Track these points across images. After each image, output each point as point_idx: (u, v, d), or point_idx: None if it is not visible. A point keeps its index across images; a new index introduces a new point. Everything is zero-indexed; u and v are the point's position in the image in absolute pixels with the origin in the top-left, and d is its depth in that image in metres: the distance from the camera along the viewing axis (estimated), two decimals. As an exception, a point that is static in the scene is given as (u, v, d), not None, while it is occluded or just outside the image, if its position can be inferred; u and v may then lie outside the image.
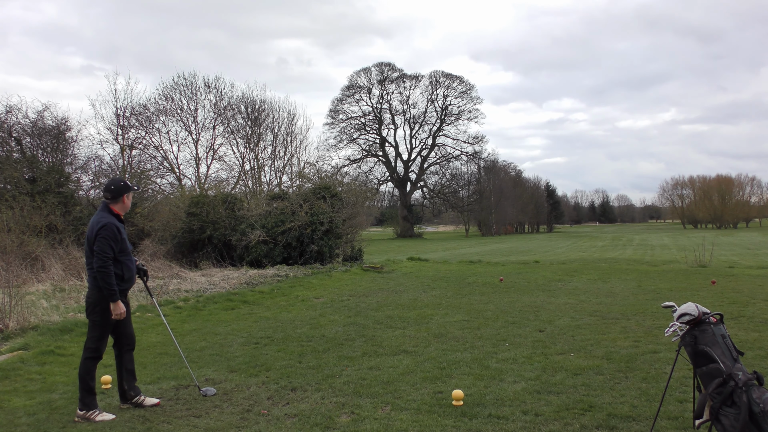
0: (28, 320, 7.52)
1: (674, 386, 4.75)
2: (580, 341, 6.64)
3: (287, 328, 7.84)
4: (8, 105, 16.56)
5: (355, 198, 19.07)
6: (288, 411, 4.44)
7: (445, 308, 9.28)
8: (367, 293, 11.34)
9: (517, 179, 75.25)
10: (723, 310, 8.43)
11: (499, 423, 4.08)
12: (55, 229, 14.68)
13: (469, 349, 6.32)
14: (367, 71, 64.94)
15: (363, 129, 66.28)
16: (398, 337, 7.05)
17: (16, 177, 15.32)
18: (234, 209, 17.27)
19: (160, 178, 23.94)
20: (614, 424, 4.00)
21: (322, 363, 5.86)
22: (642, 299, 9.89)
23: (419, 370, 5.51)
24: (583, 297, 10.26)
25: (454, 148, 67.01)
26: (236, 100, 25.59)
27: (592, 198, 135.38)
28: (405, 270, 16.25)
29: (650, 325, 7.53)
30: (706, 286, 11.67)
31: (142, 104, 23.13)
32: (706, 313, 3.41)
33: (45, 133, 16.96)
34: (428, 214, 76.53)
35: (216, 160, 25.37)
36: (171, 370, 5.73)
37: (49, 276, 12.01)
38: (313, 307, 9.64)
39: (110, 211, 4.66)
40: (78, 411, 4.40)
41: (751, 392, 3.13)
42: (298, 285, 12.36)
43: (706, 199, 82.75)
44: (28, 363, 5.95)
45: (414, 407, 4.44)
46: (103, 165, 20.22)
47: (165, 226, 17.21)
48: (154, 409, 4.57)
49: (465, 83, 65.61)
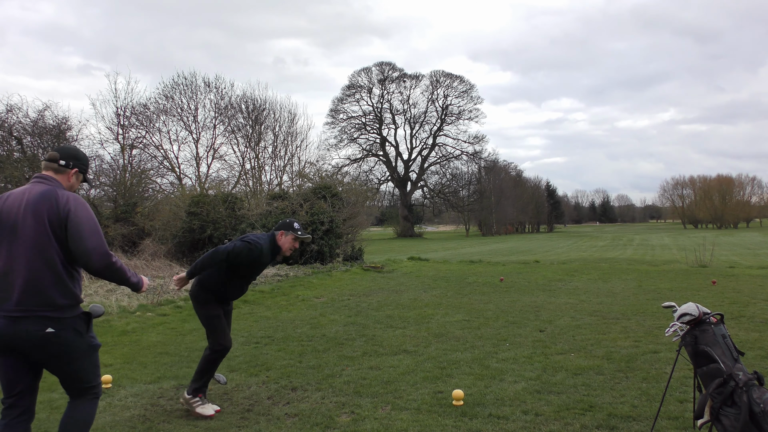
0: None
1: (675, 386, 4.75)
2: (580, 341, 6.64)
3: (287, 327, 7.84)
4: (9, 104, 16.60)
5: (355, 198, 19.08)
6: (288, 411, 4.44)
7: (446, 308, 9.28)
8: (368, 293, 11.34)
9: (518, 179, 75.21)
10: (723, 310, 8.43)
11: (500, 423, 4.08)
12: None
13: (469, 349, 6.32)
14: (367, 71, 64.99)
15: (363, 128, 66.30)
16: (398, 337, 7.05)
17: (17, 176, 15.33)
18: (234, 209, 17.27)
19: (161, 177, 23.99)
20: (614, 424, 4.00)
21: (322, 363, 5.86)
22: (642, 299, 9.89)
23: (419, 369, 5.51)
24: (583, 297, 10.25)
25: (455, 148, 67.06)
26: (237, 99, 25.61)
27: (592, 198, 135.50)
28: (405, 270, 16.25)
29: (651, 325, 7.52)
30: (706, 286, 11.66)
31: (143, 104, 23.17)
32: (706, 313, 3.41)
33: (46, 132, 16.97)
34: (428, 213, 76.51)
35: (216, 159, 25.38)
36: (171, 369, 5.73)
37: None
38: (314, 307, 9.64)
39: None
40: (185, 394, 4.42)
41: (752, 392, 3.13)
42: (298, 284, 12.37)
43: (707, 199, 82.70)
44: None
45: (414, 407, 4.44)
46: (104, 164, 20.26)
47: (165, 226, 17.23)
48: (154, 409, 4.57)
49: (465, 83, 65.68)
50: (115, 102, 21.32)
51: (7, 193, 3.00)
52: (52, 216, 2.87)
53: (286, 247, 4.49)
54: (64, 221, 2.87)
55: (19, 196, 2.93)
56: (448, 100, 65.80)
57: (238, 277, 4.47)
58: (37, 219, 2.85)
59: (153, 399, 4.81)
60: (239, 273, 4.44)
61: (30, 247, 2.85)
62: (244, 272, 4.46)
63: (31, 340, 2.82)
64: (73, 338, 2.95)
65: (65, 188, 3.02)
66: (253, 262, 4.40)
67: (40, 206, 2.86)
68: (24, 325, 2.80)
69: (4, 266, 2.85)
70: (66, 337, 2.91)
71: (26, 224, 2.85)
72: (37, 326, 2.82)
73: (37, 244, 2.85)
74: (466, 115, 65.98)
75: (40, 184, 2.97)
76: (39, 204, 2.87)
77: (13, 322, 2.79)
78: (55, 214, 2.87)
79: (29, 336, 2.81)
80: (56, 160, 3.04)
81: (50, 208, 2.87)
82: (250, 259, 4.35)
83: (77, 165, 3.11)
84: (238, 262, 4.32)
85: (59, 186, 2.99)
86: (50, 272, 2.87)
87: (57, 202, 2.88)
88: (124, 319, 8.27)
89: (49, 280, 2.86)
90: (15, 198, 2.93)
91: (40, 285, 2.84)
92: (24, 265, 2.83)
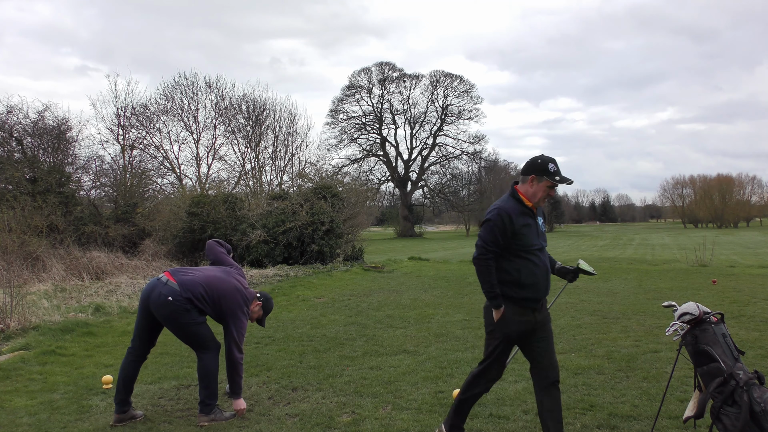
0: (29, 320, 7.52)
1: (675, 386, 4.75)
2: (580, 341, 6.64)
3: (288, 327, 7.84)
4: (9, 105, 16.60)
5: (355, 198, 19.09)
6: (289, 411, 4.44)
7: (446, 308, 9.28)
8: (368, 293, 11.34)
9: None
10: (724, 309, 8.43)
11: (500, 423, 4.08)
12: (56, 229, 14.70)
13: (470, 349, 6.32)
14: (367, 71, 64.94)
15: (363, 129, 66.26)
16: (399, 337, 7.05)
17: (17, 177, 15.35)
18: (235, 209, 17.28)
19: (161, 178, 24.00)
20: (615, 424, 4.00)
21: (322, 363, 5.86)
22: (643, 298, 9.89)
23: (420, 369, 5.52)
24: (583, 296, 10.25)
25: (455, 148, 66.99)
26: (237, 99, 25.62)
27: (592, 197, 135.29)
28: (406, 270, 16.25)
29: (651, 324, 7.52)
30: (706, 285, 11.66)
31: (143, 104, 23.17)
32: (706, 313, 3.41)
33: (46, 133, 16.97)
34: (429, 213, 76.51)
35: (217, 159, 25.41)
36: (172, 369, 5.73)
37: (50, 276, 12.02)
38: (314, 307, 9.64)
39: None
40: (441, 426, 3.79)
41: (752, 391, 3.13)
42: (298, 285, 12.37)
43: (707, 199, 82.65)
44: (29, 363, 5.96)
45: (415, 407, 4.44)
46: (104, 165, 20.25)
47: (166, 226, 17.24)
48: (155, 409, 4.57)
49: (465, 83, 65.57)
50: (115, 102, 21.32)
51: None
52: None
53: (539, 196, 3.54)
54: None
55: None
56: (448, 100, 65.77)
57: (516, 255, 3.50)
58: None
59: (154, 399, 4.82)
60: (512, 251, 3.50)
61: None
62: (514, 248, 3.49)
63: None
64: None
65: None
66: (505, 231, 3.43)
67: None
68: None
69: None
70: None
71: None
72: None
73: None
74: (466, 114, 65.96)
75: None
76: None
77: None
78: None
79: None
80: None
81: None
82: (501, 230, 3.43)
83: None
84: (494, 238, 3.44)
85: None
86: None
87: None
88: (124, 320, 8.27)
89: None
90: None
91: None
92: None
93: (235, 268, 4.58)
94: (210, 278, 4.29)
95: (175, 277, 4.22)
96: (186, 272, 4.30)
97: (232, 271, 4.49)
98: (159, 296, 4.12)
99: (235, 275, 4.46)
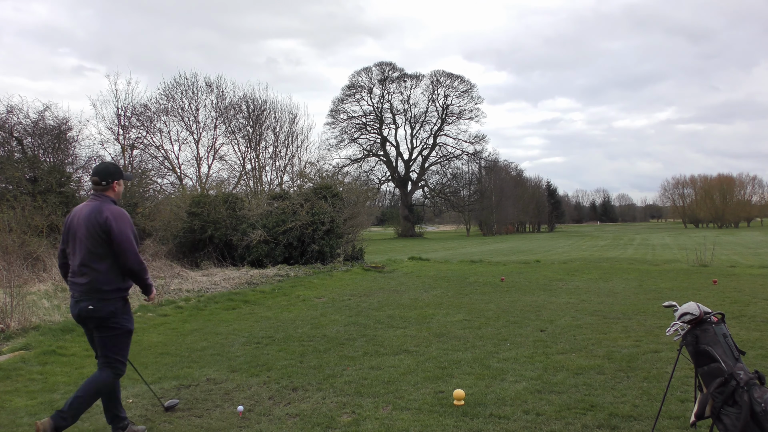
0: (30, 320, 7.53)
1: (676, 386, 4.74)
2: (581, 341, 6.63)
3: (288, 327, 7.84)
4: (9, 105, 16.59)
5: (356, 197, 19.08)
6: (289, 411, 4.44)
7: (446, 308, 9.28)
8: (368, 293, 11.34)
9: (518, 179, 75.20)
10: (724, 309, 8.42)
11: (501, 423, 4.08)
12: (56, 229, 14.69)
13: (470, 349, 6.32)
14: (368, 71, 65.00)
15: (364, 128, 66.31)
16: (399, 337, 7.05)
17: (17, 177, 15.34)
18: (235, 209, 17.28)
19: (162, 177, 23.99)
20: (616, 424, 4.00)
21: (323, 363, 5.86)
22: (643, 299, 9.88)
23: (420, 369, 5.51)
24: (584, 296, 10.25)
25: (455, 148, 67.08)
26: (238, 99, 25.63)
27: (593, 197, 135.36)
28: (406, 270, 16.25)
29: (651, 324, 7.52)
30: (707, 285, 11.65)
31: (143, 104, 23.17)
32: (707, 313, 3.41)
33: (46, 133, 16.97)
34: (429, 213, 76.51)
35: (217, 159, 25.40)
36: (172, 369, 5.73)
37: (51, 276, 12.02)
38: (315, 307, 9.64)
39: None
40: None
41: (753, 392, 3.13)
42: (299, 285, 12.37)
43: (708, 199, 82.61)
44: (29, 363, 5.96)
45: (415, 407, 4.44)
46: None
47: (166, 226, 17.23)
48: (155, 409, 4.57)
49: (466, 83, 65.67)
50: (115, 102, 21.35)
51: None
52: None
53: None
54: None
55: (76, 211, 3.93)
56: (448, 100, 65.84)
57: None
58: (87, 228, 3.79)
59: (154, 399, 4.82)
60: None
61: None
62: None
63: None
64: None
65: (113, 199, 3.93)
66: None
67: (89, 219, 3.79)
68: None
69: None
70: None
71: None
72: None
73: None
74: (467, 114, 66.06)
75: (92, 200, 3.91)
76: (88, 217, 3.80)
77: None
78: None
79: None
80: (98, 183, 3.92)
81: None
82: None
83: (115, 178, 3.95)
84: None
85: (106, 200, 3.87)
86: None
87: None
88: (125, 320, 8.26)
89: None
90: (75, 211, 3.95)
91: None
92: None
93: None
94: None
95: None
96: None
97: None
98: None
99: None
